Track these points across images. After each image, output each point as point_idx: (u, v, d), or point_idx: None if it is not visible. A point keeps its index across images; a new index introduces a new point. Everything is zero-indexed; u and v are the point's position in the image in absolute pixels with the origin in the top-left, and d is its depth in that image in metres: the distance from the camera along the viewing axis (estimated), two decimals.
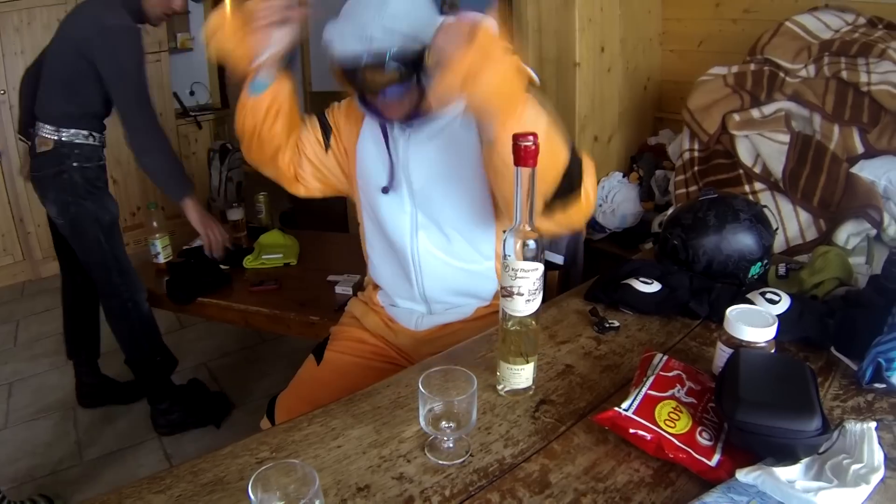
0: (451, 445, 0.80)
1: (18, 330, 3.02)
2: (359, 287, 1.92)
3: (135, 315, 2.08)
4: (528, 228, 0.84)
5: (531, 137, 0.80)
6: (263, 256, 2.26)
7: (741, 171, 2.03)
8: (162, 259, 2.20)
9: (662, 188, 2.50)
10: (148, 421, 2.20)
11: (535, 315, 0.87)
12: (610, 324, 1.15)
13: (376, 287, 1.43)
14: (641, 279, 1.26)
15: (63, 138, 1.97)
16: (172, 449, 2.11)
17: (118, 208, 2.10)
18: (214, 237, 2.14)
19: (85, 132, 2.00)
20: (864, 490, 0.62)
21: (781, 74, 2.00)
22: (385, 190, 1.25)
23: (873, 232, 1.68)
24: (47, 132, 1.97)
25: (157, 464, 2.03)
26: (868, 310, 1.07)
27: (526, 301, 0.85)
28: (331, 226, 3.39)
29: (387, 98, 1.11)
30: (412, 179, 1.23)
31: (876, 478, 0.63)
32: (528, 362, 0.90)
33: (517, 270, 0.84)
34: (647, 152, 2.65)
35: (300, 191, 1.35)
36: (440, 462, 0.78)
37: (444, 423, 0.77)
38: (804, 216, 1.87)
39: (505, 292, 0.86)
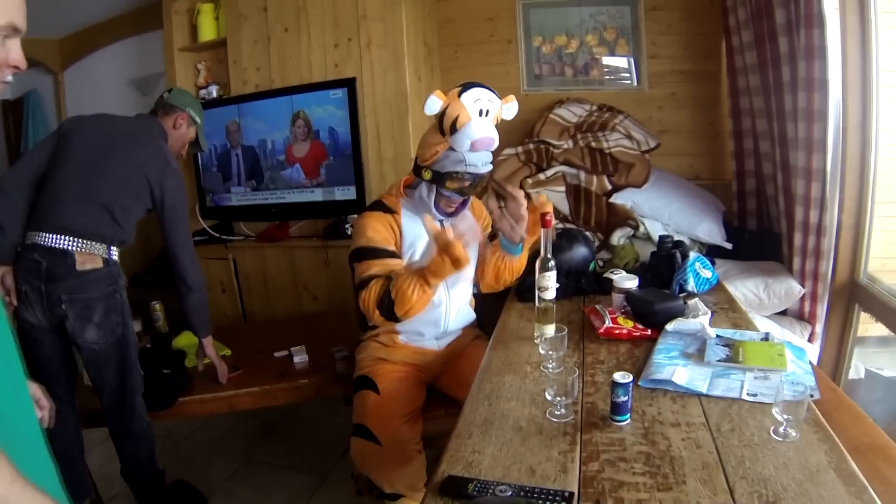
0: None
1: None
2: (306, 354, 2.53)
3: (150, 433, 2.12)
4: (548, 256, 1.72)
5: (549, 212, 1.69)
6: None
7: None
8: None
9: None
10: None
11: (552, 300, 1.75)
12: None
13: (392, 332, 2.04)
14: None
15: (113, 257, 1.94)
16: None
17: None
18: (223, 368, 2.37)
19: (120, 250, 2.00)
20: (706, 318, 1.65)
21: (553, 149, 3.10)
22: None
23: (631, 232, 2.85)
24: (93, 248, 1.88)
25: None
26: (659, 267, 2.19)
27: (551, 291, 1.74)
28: None
29: (458, 198, 1.85)
30: None
31: (708, 315, 1.67)
32: (552, 323, 1.77)
33: (547, 277, 1.72)
34: None
35: None
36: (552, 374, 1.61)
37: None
38: (589, 234, 3.03)
39: (541, 289, 1.72)
